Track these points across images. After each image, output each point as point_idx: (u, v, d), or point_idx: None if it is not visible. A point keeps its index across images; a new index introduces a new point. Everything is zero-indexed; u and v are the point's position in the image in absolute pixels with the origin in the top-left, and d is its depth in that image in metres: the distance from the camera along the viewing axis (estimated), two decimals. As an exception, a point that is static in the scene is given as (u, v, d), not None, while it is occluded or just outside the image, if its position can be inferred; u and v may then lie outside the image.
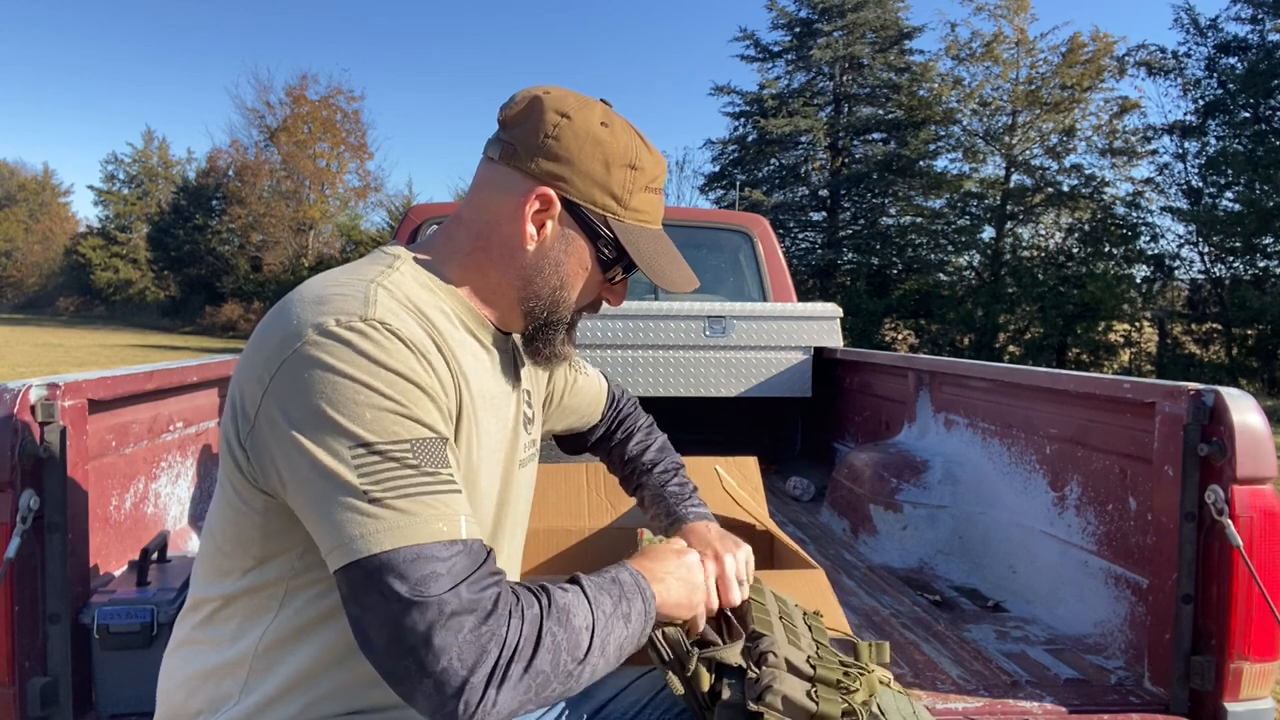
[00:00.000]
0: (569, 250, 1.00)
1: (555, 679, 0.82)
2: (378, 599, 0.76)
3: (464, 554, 0.80)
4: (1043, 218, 19.66)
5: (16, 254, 54.79)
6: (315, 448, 0.80)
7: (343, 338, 0.82)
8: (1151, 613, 1.67)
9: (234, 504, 0.90)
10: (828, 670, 0.99)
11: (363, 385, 0.81)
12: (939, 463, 2.64)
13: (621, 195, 0.99)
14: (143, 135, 51.71)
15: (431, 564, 0.77)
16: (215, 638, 0.92)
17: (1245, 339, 16.27)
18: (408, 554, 0.77)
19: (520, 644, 0.79)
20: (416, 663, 0.75)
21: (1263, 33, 17.15)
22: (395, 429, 0.81)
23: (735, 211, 4.76)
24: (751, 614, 1.09)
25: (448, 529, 0.80)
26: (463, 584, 0.78)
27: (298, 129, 32.29)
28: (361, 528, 0.78)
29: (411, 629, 0.75)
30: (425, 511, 0.79)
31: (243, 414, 0.86)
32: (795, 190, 22.89)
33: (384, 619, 0.76)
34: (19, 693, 1.33)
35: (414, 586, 0.76)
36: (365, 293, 0.88)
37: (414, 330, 0.87)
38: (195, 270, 36.19)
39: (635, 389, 3.71)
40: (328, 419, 0.80)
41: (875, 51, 21.63)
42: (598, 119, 0.98)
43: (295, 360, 0.82)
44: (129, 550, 1.75)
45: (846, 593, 2.24)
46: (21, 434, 1.32)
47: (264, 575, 0.90)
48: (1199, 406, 1.56)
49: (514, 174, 0.98)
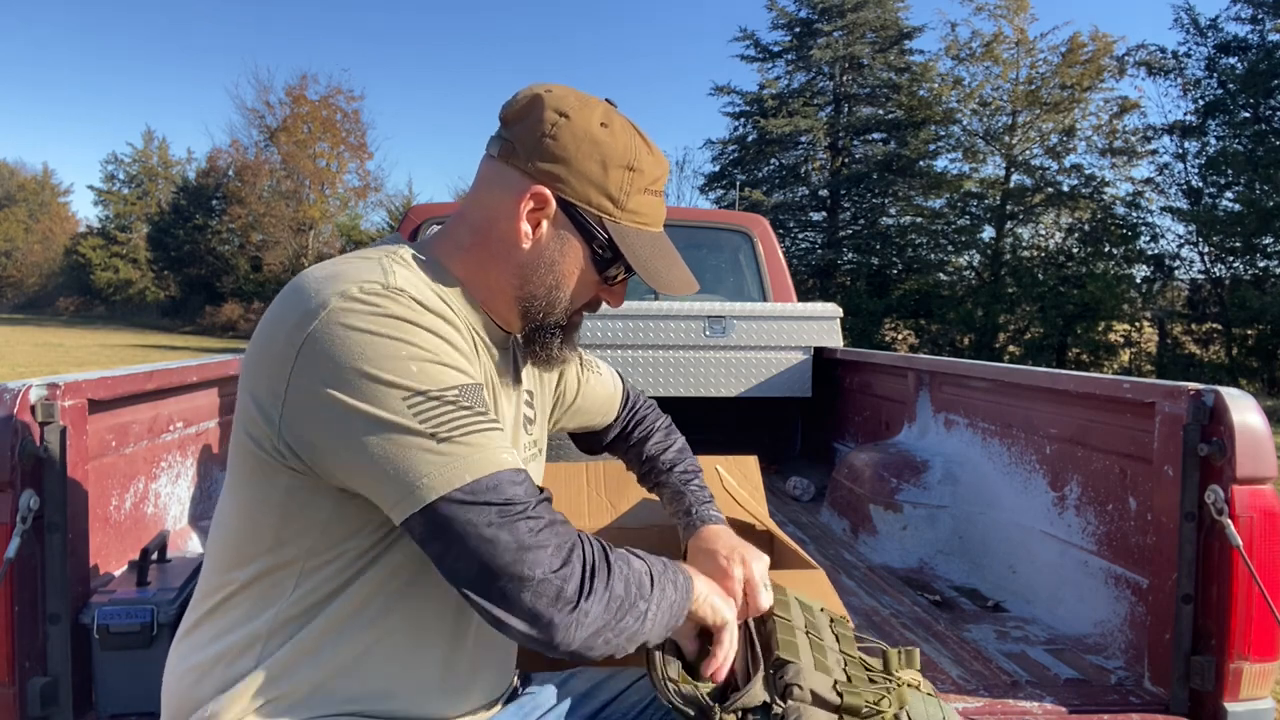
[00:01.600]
0: (564, 250, 1.00)
1: (628, 608, 0.88)
2: (466, 529, 0.81)
3: (529, 480, 0.87)
4: (1043, 218, 19.66)
5: (16, 254, 54.78)
6: (367, 405, 0.82)
7: (370, 302, 0.84)
8: (1151, 613, 1.67)
9: (249, 492, 0.90)
10: (854, 697, 0.97)
11: (401, 340, 0.84)
12: (939, 463, 2.64)
13: (618, 197, 0.99)
14: (143, 135, 51.73)
15: (510, 488, 0.83)
16: (226, 622, 0.92)
17: (1245, 339, 16.27)
18: (487, 482, 0.82)
19: (596, 561, 0.86)
20: (514, 579, 0.81)
21: (1263, 33, 17.15)
22: (441, 377, 0.85)
23: (735, 211, 4.76)
24: (776, 633, 1.06)
25: (510, 459, 0.86)
26: (539, 504, 0.85)
27: (298, 129, 32.28)
28: (436, 467, 0.82)
29: (506, 548, 0.81)
30: (490, 444, 0.85)
31: (270, 395, 0.85)
32: (795, 190, 22.89)
33: (476, 547, 0.81)
34: (19, 693, 1.33)
35: (500, 510, 0.82)
36: (382, 265, 0.90)
37: (434, 301, 0.90)
38: (195, 270, 36.20)
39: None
40: (373, 377, 0.82)
41: (875, 51, 21.63)
42: (598, 119, 0.98)
43: (323, 328, 0.83)
44: (129, 550, 1.75)
45: (846, 593, 2.24)
46: (21, 434, 1.32)
47: (279, 557, 0.90)
48: (1199, 406, 1.56)
49: (512, 172, 0.98)
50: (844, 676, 1.02)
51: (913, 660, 1.16)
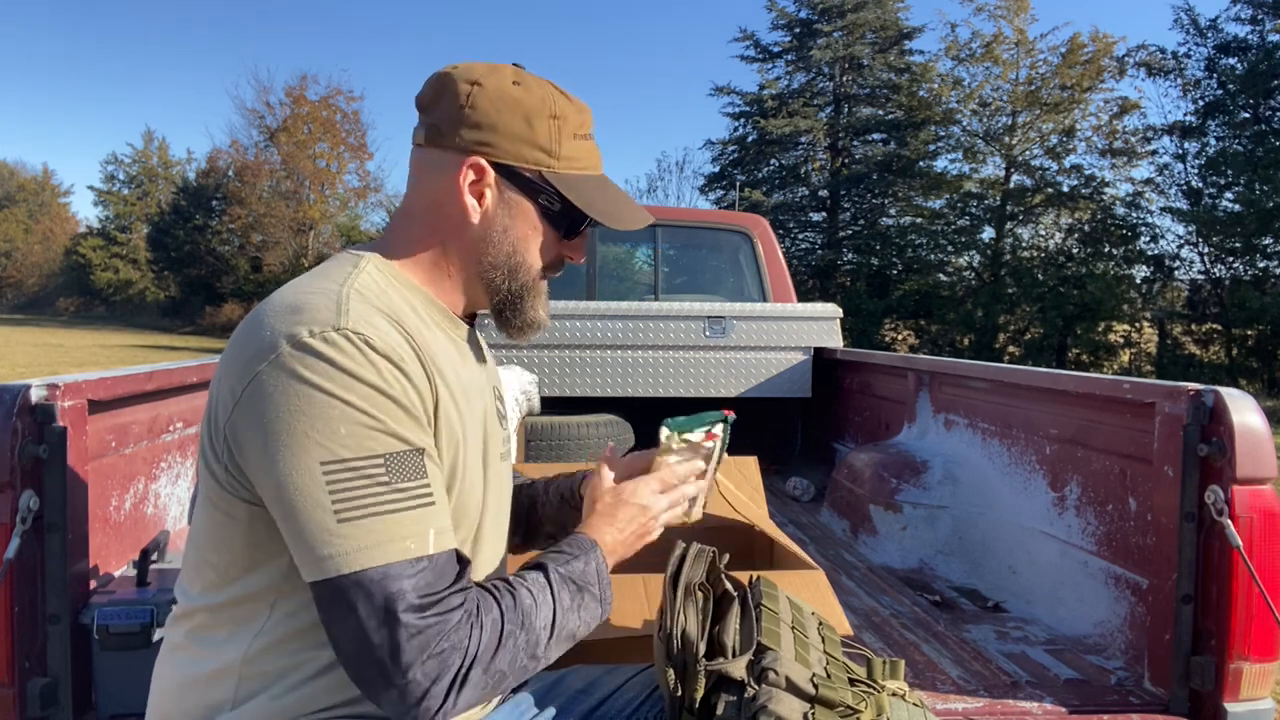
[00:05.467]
0: (514, 214, 1.00)
1: (512, 674, 0.88)
2: (347, 613, 0.80)
3: (429, 569, 0.83)
4: (1043, 218, 19.65)
5: (16, 254, 54.75)
6: (287, 464, 0.81)
7: (316, 349, 0.82)
8: (1151, 613, 1.67)
9: (215, 514, 0.90)
10: (830, 691, 0.97)
11: (337, 399, 0.82)
12: (939, 463, 2.64)
13: (550, 146, 0.98)
14: (143, 135, 51.68)
15: (398, 582, 0.80)
16: (205, 645, 0.92)
17: (1245, 339, 16.27)
18: (375, 574, 0.80)
19: (480, 651, 0.84)
20: (383, 674, 0.80)
21: (1263, 33, 17.14)
22: (369, 444, 0.82)
23: (735, 212, 4.77)
24: (761, 622, 1.07)
25: (415, 545, 0.83)
26: (427, 600, 0.82)
27: (297, 129, 32.25)
28: (330, 548, 0.80)
29: (379, 645, 0.80)
30: (393, 530, 0.82)
31: (215, 425, 0.87)
32: (795, 190, 22.87)
33: (352, 632, 0.81)
34: (19, 693, 1.33)
35: (380, 606, 0.80)
36: (338, 300, 0.87)
37: (388, 336, 0.87)
38: (195, 270, 36.16)
39: (635, 389, 3.72)
40: (300, 434, 0.81)
41: (875, 52, 21.62)
42: (509, 79, 0.98)
43: (268, 373, 0.82)
44: (129, 550, 1.75)
45: (846, 593, 2.24)
46: (21, 434, 1.32)
47: (252, 584, 0.89)
48: (1199, 407, 1.56)
49: (443, 153, 0.98)
50: (824, 673, 1.02)
51: (897, 671, 1.17)
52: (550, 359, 3.69)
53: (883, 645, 1.90)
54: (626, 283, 5.12)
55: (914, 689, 1.62)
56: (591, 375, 3.70)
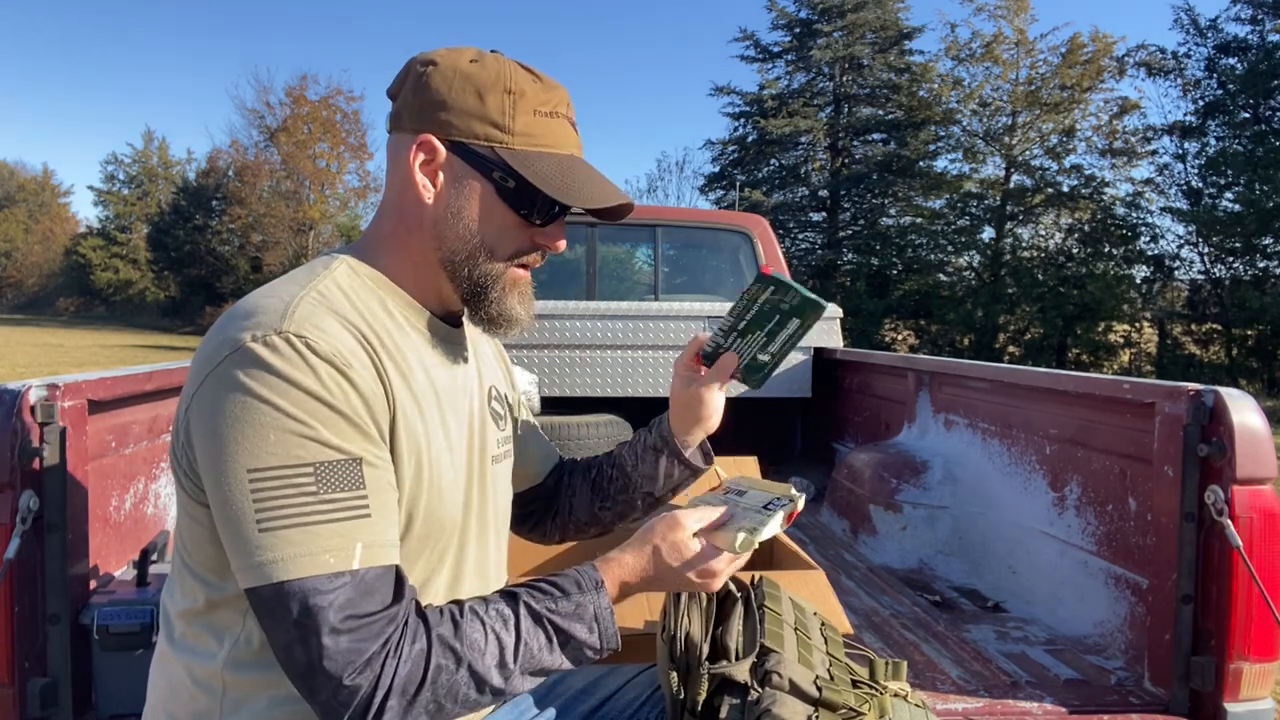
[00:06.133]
0: (466, 193, 0.95)
1: (458, 704, 0.84)
2: (272, 624, 0.80)
3: (350, 585, 0.80)
4: (1043, 218, 19.64)
5: (16, 254, 54.74)
6: (219, 469, 0.80)
7: (254, 354, 0.81)
8: (1151, 613, 1.67)
9: (184, 517, 0.90)
10: (833, 694, 0.97)
11: (268, 405, 0.80)
12: (939, 463, 2.64)
13: (502, 121, 0.93)
14: (143, 135, 51.71)
15: (315, 597, 0.78)
16: (188, 653, 0.91)
17: (1245, 339, 16.27)
18: (294, 587, 0.79)
19: (395, 683, 0.80)
20: (308, 686, 0.80)
21: (1262, 33, 17.14)
22: (298, 451, 0.80)
23: (735, 212, 4.77)
24: (765, 623, 1.06)
25: (335, 560, 0.80)
26: (348, 625, 0.79)
27: (297, 129, 32.25)
28: (252, 557, 0.79)
29: (299, 659, 0.79)
30: (313, 543, 0.79)
31: (176, 428, 0.87)
32: (795, 190, 22.87)
33: (279, 642, 0.81)
34: (19, 693, 1.33)
35: (296, 621, 0.78)
36: (288, 304, 0.85)
37: (334, 339, 0.84)
38: (195, 270, 36.16)
39: (635, 389, 3.72)
40: (231, 440, 0.80)
41: (875, 52, 21.63)
42: (467, 58, 0.95)
43: (214, 377, 0.82)
44: (129, 550, 1.75)
45: (846, 593, 2.24)
46: (21, 434, 1.32)
47: (226, 590, 0.88)
48: (1199, 407, 1.56)
49: (401, 136, 0.96)
50: (827, 675, 1.02)
51: (899, 672, 1.17)
52: (550, 359, 3.69)
53: (883, 645, 1.90)
54: (626, 283, 5.12)
55: (916, 690, 1.62)
56: (591, 375, 3.71)
